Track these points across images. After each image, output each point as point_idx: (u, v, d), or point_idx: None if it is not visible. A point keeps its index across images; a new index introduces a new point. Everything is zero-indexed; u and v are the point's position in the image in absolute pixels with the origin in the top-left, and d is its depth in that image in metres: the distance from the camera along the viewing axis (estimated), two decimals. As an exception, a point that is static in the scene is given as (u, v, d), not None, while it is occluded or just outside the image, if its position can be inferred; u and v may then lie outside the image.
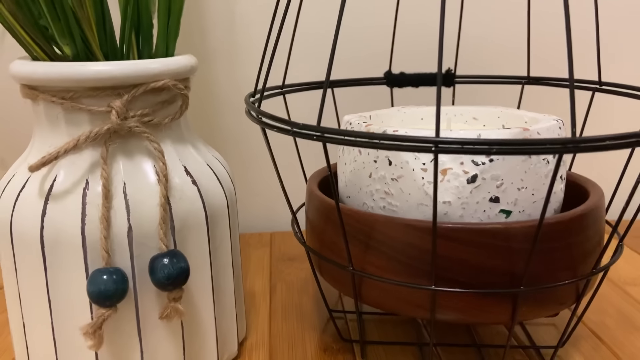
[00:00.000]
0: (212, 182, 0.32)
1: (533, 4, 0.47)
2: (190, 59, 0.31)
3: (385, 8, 0.52)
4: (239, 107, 0.55)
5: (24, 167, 0.30)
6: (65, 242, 0.28)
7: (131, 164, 0.29)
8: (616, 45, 0.55)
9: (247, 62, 0.54)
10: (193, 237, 0.30)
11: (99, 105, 0.28)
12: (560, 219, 0.29)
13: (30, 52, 0.30)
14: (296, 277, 0.46)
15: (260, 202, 0.57)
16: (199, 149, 0.33)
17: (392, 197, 0.32)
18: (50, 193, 0.28)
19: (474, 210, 0.30)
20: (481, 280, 0.29)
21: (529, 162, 0.30)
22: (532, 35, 0.48)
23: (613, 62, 0.55)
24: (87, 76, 0.27)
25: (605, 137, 0.24)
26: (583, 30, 0.47)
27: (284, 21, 0.32)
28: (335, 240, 0.32)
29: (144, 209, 0.28)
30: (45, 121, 0.29)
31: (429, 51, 0.54)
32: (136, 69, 0.28)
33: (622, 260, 0.49)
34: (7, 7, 0.28)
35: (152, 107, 0.29)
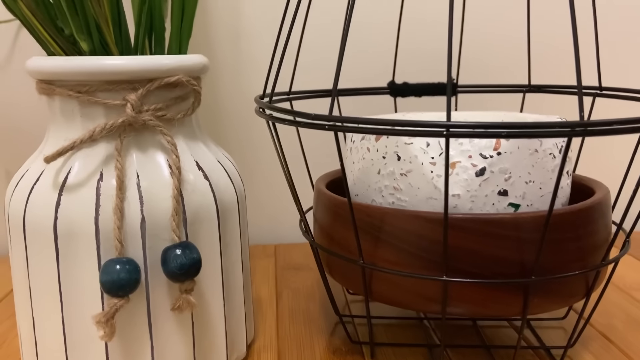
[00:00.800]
0: (222, 178, 0.32)
1: (533, 13, 0.48)
2: (202, 57, 0.32)
3: (389, 19, 0.53)
4: (244, 120, 0.55)
5: (38, 161, 0.30)
6: (78, 233, 0.28)
7: (145, 156, 0.29)
8: (615, 49, 0.56)
9: (253, 74, 0.55)
10: (205, 230, 0.30)
11: (114, 99, 0.29)
12: (569, 210, 0.30)
13: (47, 49, 0.30)
14: (302, 284, 0.46)
15: (265, 214, 0.57)
16: (209, 146, 0.33)
17: (401, 192, 0.32)
18: (65, 184, 0.28)
19: (483, 203, 0.31)
20: (492, 271, 0.29)
21: (535, 156, 0.31)
22: (533, 43, 0.49)
23: (613, 67, 0.56)
24: (104, 70, 0.28)
25: (612, 121, 0.24)
26: (583, 36, 0.48)
27: (292, 30, 0.33)
28: (345, 235, 0.32)
29: (157, 200, 0.29)
30: (60, 116, 0.30)
31: (432, 62, 0.55)
32: (151, 63, 0.29)
33: (628, 268, 0.49)
34: (26, 5, 0.28)
35: (165, 102, 0.30)
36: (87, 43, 0.29)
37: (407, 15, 0.50)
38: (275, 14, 0.53)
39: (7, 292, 0.46)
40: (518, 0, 0.53)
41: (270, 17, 0.54)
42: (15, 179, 0.31)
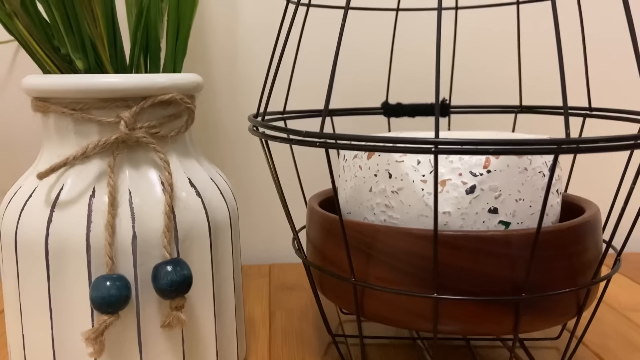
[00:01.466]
0: (215, 196, 0.32)
1: (523, 34, 0.49)
2: (196, 76, 0.32)
3: (383, 41, 0.54)
4: (239, 139, 0.56)
5: (31, 178, 0.30)
6: (69, 249, 0.28)
7: (137, 173, 0.30)
8: (605, 70, 0.57)
9: (247, 92, 0.55)
10: (196, 248, 0.30)
11: (108, 116, 0.29)
12: (558, 228, 0.30)
13: (43, 67, 0.31)
14: (296, 304, 0.46)
15: (259, 234, 0.57)
16: (202, 163, 0.34)
17: (392, 210, 0.32)
18: (57, 201, 0.28)
19: (474, 220, 0.31)
20: (483, 289, 0.29)
21: (525, 174, 0.31)
22: (525, 64, 0.50)
23: (604, 87, 0.57)
24: (98, 87, 0.28)
25: (599, 139, 0.25)
26: (572, 57, 0.49)
27: (284, 50, 0.33)
28: (337, 253, 0.32)
29: (149, 217, 0.29)
30: (54, 133, 0.30)
31: (424, 82, 0.55)
32: (145, 81, 0.29)
33: (621, 288, 0.49)
34: (22, 23, 0.29)
35: (159, 119, 0.30)
36: (82, 62, 0.30)
37: (401, 37, 0.51)
38: (269, 34, 0.54)
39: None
40: (511, 21, 0.54)
41: (265, 37, 0.54)
42: (8, 196, 0.31)
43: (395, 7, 0.48)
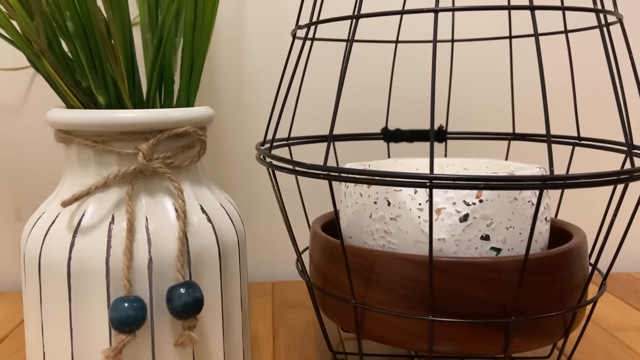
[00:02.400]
0: (224, 221, 0.34)
1: (517, 64, 0.52)
2: (208, 109, 0.35)
3: (383, 70, 0.56)
4: (244, 163, 0.58)
5: (54, 204, 0.32)
6: (90, 272, 0.30)
7: (153, 201, 0.32)
8: (594, 100, 0.59)
9: (253, 120, 0.57)
10: (207, 270, 0.32)
11: (127, 148, 0.31)
12: (546, 254, 0.32)
13: (66, 101, 0.33)
14: (298, 322, 0.48)
15: (263, 252, 0.59)
16: (213, 190, 0.36)
17: (391, 236, 0.34)
18: (79, 227, 0.31)
19: (467, 247, 0.33)
20: (475, 312, 0.31)
21: (515, 203, 0.33)
22: (518, 93, 0.52)
23: (592, 117, 0.59)
24: (119, 122, 0.31)
25: (580, 175, 0.27)
26: (563, 87, 0.51)
27: (292, 82, 0.36)
28: (339, 276, 0.35)
29: (164, 242, 0.31)
30: (76, 163, 0.32)
31: (422, 109, 0.58)
32: (162, 116, 0.31)
33: (611, 308, 0.51)
34: (49, 62, 0.31)
35: (174, 150, 0.33)
36: (104, 97, 0.32)
37: (400, 65, 0.53)
38: (272, 65, 0.57)
39: (14, 326, 0.48)
40: (507, 52, 0.57)
41: (270, 68, 0.57)
42: (32, 221, 0.33)
43: (395, 40, 0.50)
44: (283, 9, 0.56)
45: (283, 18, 0.57)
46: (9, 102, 0.55)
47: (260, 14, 0.56)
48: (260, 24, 0.56)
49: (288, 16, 0.57)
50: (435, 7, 0.28)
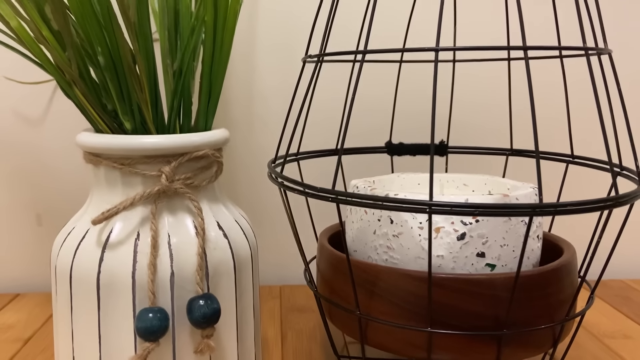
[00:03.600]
0: (239, 236, 0.37)
1: (515, 82, 0.54)
2: (224, 132, 0.37)
3: (387, 83, 0.59)
4: (255, 171, 0.61)
5: (83, 220, 0.35)
6: (118, 285, 0.33)
7: (174, 219, 0.34)
8: (591, 120, 0.62)
9: (263, 131, 0.60)
10: (223, 282, 0.35)
11: (151, 170, 0.34)
12: (537, 272, 0.34)
13: (95, 126, 0.36)
14: (305, 326, 0.51)
15: (271, 257, 0.62)
16: (228, 207, 0.39)
17: (393, 251, 0.37)
18: (107, 243, 0.33)
19: (464, 263, 0.36)
20: (470, 324, 0.33)
21: (509, 223, 0.36)
22: (519, 110, 0.55)
23: (588, 136, 0.61)
24: (144, 147, 0.33)
25: (566, 204, 0.29)
26: (561, 106, 0.53)
27: (305, 102, 0.38)
28: (344, 288, 0.37)
29: (185, 257, 0.34)
30: (104, 182, 0.35)
31: (425, 123, 0.60)
32: (182, 141, 0.34)
33: (602, 315, 0.53)
34: (80, 90, 0.34)
35: (193, 171, 0.35)
36: (130, 123, 0.35)
37: (404, 79, 0.56)
38: (283, 87, 0.59)
39: (38, 326, 0.51)
40: (505, 69, 0.59)
41: (282, 82, 0.59)
42: (62, 235, 0.36)
43: (399, 60, 0.53)
44: (293, 29, 0.59)
45: (293, 36, 0.59)
46: (32, 113, 0.57)
47: (270, 31, 0.59)
48: (271, 43, 0.59)
49: (299, 34, 0.59)
50: (436, 46, 0.31)
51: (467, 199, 0.36)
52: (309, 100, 0.46)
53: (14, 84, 0.56)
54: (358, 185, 0.41)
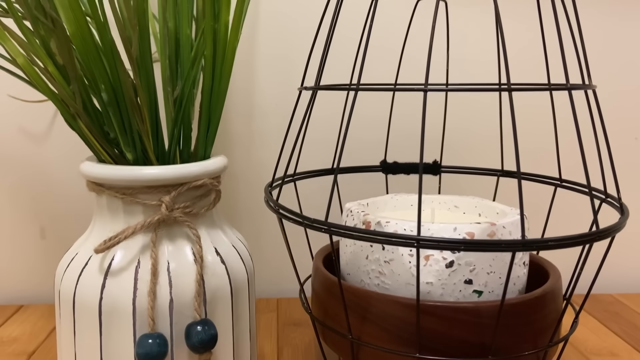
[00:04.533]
0: (236, 261, 0.38)
1: (508, 109, 0.55)
2: (222, 160, 0.39)
3: (382, 107, 0.60)
4: (253, 187, 0.62)
5: (86, 247, 0.37)
6: (119, 311, 0.34)
7: (174, 246, 0.36)
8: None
9: (262, 148, 0.61)
10: (220, 307, 0.37)
11: (151, 200, 0.35)
12: (521, 299, 0.36)
13: (98, 156, 0.37)
14: (301, 341, 0.52)
15: (269, 270, 0.64)
16: (225, 232, 0.40)
17: (384, 277, 0.39)
18: (109, 270, 0.35)
19: (452, 290, 0.37)
20: (457, 350, 0.35)
21: (495, 252, 0.37)
22: (508, 133, 0.56)
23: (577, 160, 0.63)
24: (145, 178, 0.35)
25: (548, 240, 0.31)
26: (550, 130, 0.55)
27: (299, 134, 0.39)
28: (337, 311, 0.39)
29: (183, 284, 0.35)
30: (106, 210, 0.36)
31: (418, 144, 0.61)
32: (182, 172, 0.35)
33: (590, 331, 0.55)
34: (84, 122, 0.35)
35: (192, 200, 0.37)
36: (131, 154, 0.36)
37: (399, 104, 0.57)
38: (283, 97, 0.61)
39: (42, 339, 0.52)
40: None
41: (280, 100, 0.61)
42: (66, 261, 0.37)
43: (393, 85, 0.54)
44: (292, 61, 0.60)
45: (292, 59, 0.60)
46: (35, 130, 0.59)
47: (270, 63, 0.60)
48: (270, 73, 0.60)
49: (296, 64, 0.60)
50: (425, 86, 0.32)
51: (455, 228, 0.37)
52: (305, 127, 0.47)
53: (19, 100, 0.58)
54: (352, 210, 0.43)
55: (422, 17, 0.54)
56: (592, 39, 0.63)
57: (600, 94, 0.63)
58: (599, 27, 0.63)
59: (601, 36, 0.63)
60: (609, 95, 0.64)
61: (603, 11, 0.63)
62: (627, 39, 0.64)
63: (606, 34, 0.63)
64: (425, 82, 0.32)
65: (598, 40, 0.63)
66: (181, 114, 0.37)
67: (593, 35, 0.63)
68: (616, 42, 0.64)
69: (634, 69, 0.64)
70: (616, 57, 0.64)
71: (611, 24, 0.63)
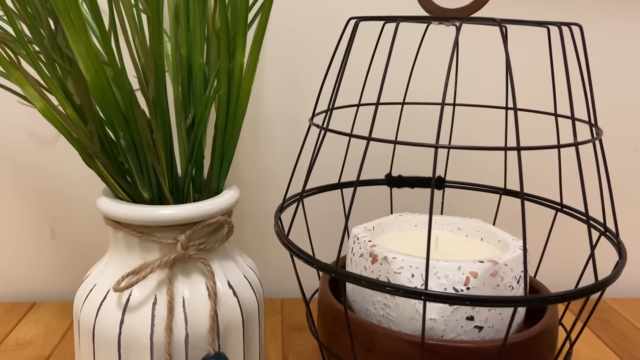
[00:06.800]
0: (247, 292, 0.40)
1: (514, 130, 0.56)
2: (234, 194, 0.40)
3: (388, 122, 0.60)
4: (256, 191, 0.63)
5: (103, 278, 0.38)
6: (137, 346, 0.36)
7: (189, 282, 0.37)
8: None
9: (267, 155, 0.62)
10: (232, 338, 0.38)
11: (167, 238, 0.36)
12: (520, 339, 0.38)
13: (115, 193, 0.38)
14: (304, 347, 0.55)
15: (273, 271, 0.65)
16: (237, 261, 0.41)
17: (389, 309, 0.40)
18: (127, 306, 0.36)
19: (454, 326, 0.39)
20: (457, 385, 0.37)
21: (498, 289, 0.39)
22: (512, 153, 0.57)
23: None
24: (161, 218, 0.36)
25: (549, 296, 0.32)
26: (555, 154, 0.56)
27: (310, 172, 0.40)
28: (343, 339, 0.41)
29: (198, 319, 0.37)
30: (123, 245, 0.38)
31: (423, 158, 0.62)
32: (197, 211, 0.37)
33: (581, 341, 0.57)
34: (101, 162, 0.36)
35: (206, 236, 0.38)
36: (148, 193, 0.37)
37: (406, 118, 0.57)
38: (288, 129, 0.61)
39: (56, 342, 0.54)
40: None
41: (285, 132, 0.61)
42: (84, 290, 0.38)
43: (402, 101, 0.54)
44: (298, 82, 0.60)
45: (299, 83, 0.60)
46: (45, 135, 0.59)
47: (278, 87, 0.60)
48: (278, 91, 0.60)
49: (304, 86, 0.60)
50: (436, 143, 0.33)
51: (459, 267, 0.39)
52: (317, 155, 0.48)
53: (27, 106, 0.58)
54: (359, 236, 0.44)
55: (431, 40, 0.54)
56: (594, 43, 0.63)
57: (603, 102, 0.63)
58: (599, 36, 0.63)
59: (602, 42, 0.63)
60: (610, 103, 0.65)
61: (602, 20, 0.63)
62: (628, 44, 0.64)
63: (607, 40, 0.63)
64: (437, 140, 0.33)
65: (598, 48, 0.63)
66: (195, 148, 0.38)
67: (594, 42, 0.63)
68: (617, 51, 0.64)
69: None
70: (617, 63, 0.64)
71: (611, 31, 0.63)
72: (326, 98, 0.55)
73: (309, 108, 0.61)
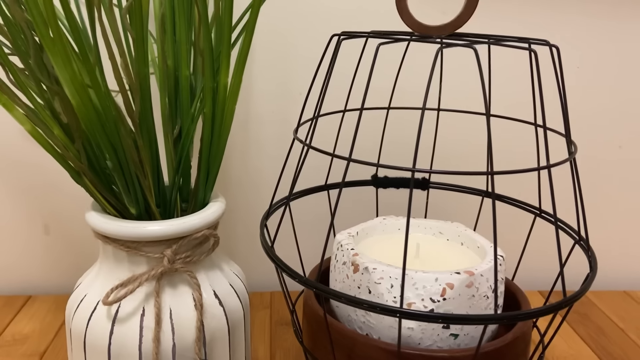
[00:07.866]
0: (233, 300, 0.42)
1: (497, 132, 0.57)
2: (220, 206, 0.41)
3: (377, 122, 0.61)
4: (246, 188, 0.64)
5: (94, 289, 0.39)
6: (126, 355, 0.37)
7: (175, 293, 0.39)
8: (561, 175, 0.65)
9: (258, 157, 0.63)
10: (218, 346, 0.40)
11: (154, 252, 0.38)
12: (493, 347, 0.39)
13: (103, 208, 0.39)
14: (292, 343, 0.57)
15: (263, 264, 0.67)
16: (223, 270, 0.43)
17: (370, 317, 0.42)
18: (116, 317, 0.38)
19: (430, 334, 0.40)
20: (432, 391, 0.39)
21: (473, 299, 0.41)
22: (497, 159, 0.58)
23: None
24: (148, 234, 0.37)
25: (520, 313, 0.34)
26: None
27: (294, 185, 0.41)
28: (325, 344, 0.42)
29: (185, 329, 0.38)
30: (112, 258, 0.39)
31: (409, 159, 0.63)
32: (183, 226, 0.38)
33: (559, 336, 0.59)
34: (89, 179, 0.37)
35: (192, 249, 0.39)
36: (135, 209, 0.38)
37: (392, 119, 0.58)
38: (279, 132, 0.62)
39: (51, 337, 0.56)
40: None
41: (276, 135, 0.62)
42: (75, 300, 0.40)
43: (387, 106, 0.55)
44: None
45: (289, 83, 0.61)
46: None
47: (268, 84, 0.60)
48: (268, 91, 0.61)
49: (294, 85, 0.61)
50: (412, 167, 0.34)
51: (436, 278, 0.40)
52: (301, 165, 0.49)
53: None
54: (342, 244, 0.45)
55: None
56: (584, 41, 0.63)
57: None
58: (586, 36, 0.64)
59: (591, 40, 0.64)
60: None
61: (593, 23, 0.63)
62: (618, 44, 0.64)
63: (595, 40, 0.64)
64: (413, 164, 0.34)
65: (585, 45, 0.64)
66: (182, 159, 0.39)
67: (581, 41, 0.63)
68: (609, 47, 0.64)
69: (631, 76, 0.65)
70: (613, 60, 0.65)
71: (598, 34, 0.63)
72: (311, 107, 0.56)
73: (298, 108, 0.62)
